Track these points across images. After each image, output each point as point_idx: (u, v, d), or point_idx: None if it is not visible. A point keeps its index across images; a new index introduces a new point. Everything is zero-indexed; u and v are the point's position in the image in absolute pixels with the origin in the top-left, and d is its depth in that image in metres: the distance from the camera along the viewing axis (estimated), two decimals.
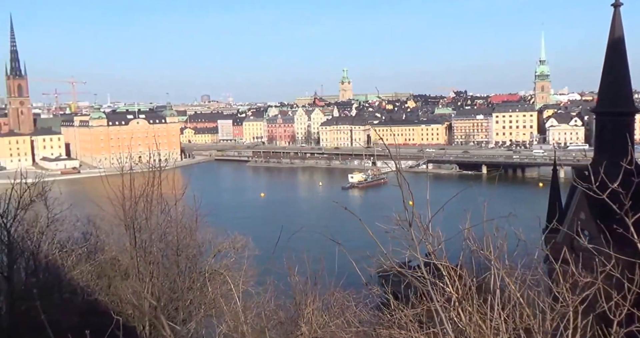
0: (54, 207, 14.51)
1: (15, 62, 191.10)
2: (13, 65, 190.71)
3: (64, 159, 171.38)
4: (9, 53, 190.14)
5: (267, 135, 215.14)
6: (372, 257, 8.15)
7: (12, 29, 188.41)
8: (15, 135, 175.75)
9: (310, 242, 12.65)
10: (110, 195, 13.92)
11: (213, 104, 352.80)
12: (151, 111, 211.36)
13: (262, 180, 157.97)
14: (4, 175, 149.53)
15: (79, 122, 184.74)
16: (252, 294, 14.81)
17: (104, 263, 14.62)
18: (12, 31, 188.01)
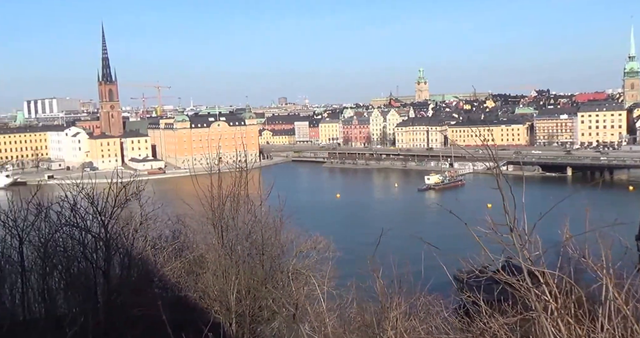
0: (147, 205, 15.16)
1: (107, 68, 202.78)
2: (104, 72, 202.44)
3: (150, 160, 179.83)
4: (101, 60, 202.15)
5: (343, 136, 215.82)
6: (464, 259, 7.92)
7: (104, 38, 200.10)
8: (107, 138, 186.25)
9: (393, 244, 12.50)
10: (198, 195, 14.36)
11: (290, 106, 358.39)
12: (231, 114, 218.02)
13: (337, 181, 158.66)
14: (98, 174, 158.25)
15: (164, 125, 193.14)
16: (334, 296, 14.85)
17: (192, 260, 15.11)
18: (104, 40, 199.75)
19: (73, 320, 12.53)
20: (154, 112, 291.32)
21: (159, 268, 14.28)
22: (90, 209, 13.60)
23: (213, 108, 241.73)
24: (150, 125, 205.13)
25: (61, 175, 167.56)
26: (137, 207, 14.89)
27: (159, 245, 14.93)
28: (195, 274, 15.68)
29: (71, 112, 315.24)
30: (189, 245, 15.85)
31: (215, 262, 14.51)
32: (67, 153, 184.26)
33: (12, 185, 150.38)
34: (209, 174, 15.39)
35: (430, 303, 11.70)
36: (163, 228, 16.01)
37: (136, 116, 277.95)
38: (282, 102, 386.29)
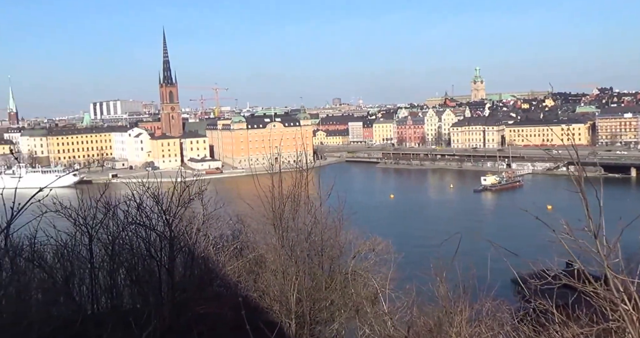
0: (209, 205, 15.41)
1: (167, 71, 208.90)
2: (165, 75, 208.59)
3: (208, 160, 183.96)
4: (162, 63, 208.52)
5: (397, 136, 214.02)
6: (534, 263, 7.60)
7: (165, 42, 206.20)
8: (167, 138, 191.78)
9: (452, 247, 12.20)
10: (259, 195, 14.45)
11: (344, 106, 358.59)
12: (286, 115, 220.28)
13: (391, 181, 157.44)
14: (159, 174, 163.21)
15: (222, 126, 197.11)
16: (393, 298, 14.64)
17: (252, 260, 15.24)
18: (165, 43, 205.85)
19: (139, 315, 12.89)
20: (212, 114, 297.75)
21: (221, 267, 14.47)
22: (155, 208, 13.97)
23: (269, 109, 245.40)
24: (209, 126, 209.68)
25: (124, 174, 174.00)
26: (199, 206, 15.17)
27: (220, 245, 15.13)
28: (254, 274, 15.83)
29: (134, 113, 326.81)
30: (248, 244, 16.00)
31: (275, 262, 14.58)
32: (130, 153, 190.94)
33: (78, 184, 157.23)
34: (267, 174, 15.49)
35: (497, 309, 11.35)
36: (224, 227, 16.21)
37: (195, 117, 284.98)
38: (336, 103, 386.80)
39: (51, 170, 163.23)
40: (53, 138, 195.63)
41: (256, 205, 15.90)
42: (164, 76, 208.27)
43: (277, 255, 14.26)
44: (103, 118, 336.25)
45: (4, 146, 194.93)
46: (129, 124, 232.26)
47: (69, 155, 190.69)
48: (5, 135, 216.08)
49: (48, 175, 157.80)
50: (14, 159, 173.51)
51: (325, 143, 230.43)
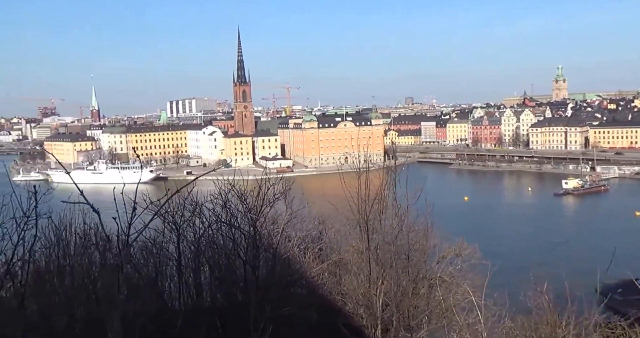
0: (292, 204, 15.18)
1: (241, 70, 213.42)
2: (239, 74, 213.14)
3: (279, 159, 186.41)
4: (236, 63, 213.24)
5: (472, 137, 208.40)
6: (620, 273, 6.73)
7: (239, 41, 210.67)
8: (240, 136, 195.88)
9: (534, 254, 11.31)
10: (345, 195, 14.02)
11: (416, 106, 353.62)
12: (357, 114, 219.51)
13: (465, 183, 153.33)
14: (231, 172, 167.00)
15: (293, 125, 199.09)
16: (482, 307, 13.85)
17: (335, 262, 14.87)
18: (239, 42, 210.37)
19: (224, 313, 12.84)
20: (284, 112, 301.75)
21: (304, 269, 14.20)
22: (240, 207, 13.89)
23: (340, 108, 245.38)
24: (280, 125, 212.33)
25: (198, 171, 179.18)
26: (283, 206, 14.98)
27: (303, 246, 14.85)
28: (336, 276, 15.47)
29: (208, 111, 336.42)
30: (332, 246, 15.64)
31: (360, 265, 14.16)
32: (204, 150, 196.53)
33: (155, 180, 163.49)
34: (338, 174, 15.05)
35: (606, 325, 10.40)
36: (308, 228, 15.91)
37: (267, 116, 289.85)
38: (409, 102, 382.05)
39: (129, 166, 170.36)
40: (132, 135, 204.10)
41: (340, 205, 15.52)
42: (238, 75, 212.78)
43: (362, 258, 13.83)
44: (179, 116, 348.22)
45: (86, 143, 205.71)
46: (203, 122, 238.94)
47: (147, 152, 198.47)
48: (88, 132, 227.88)
49: (126, 171, 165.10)
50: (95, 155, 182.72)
51: (397, 143, 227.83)
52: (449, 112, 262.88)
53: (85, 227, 14.32)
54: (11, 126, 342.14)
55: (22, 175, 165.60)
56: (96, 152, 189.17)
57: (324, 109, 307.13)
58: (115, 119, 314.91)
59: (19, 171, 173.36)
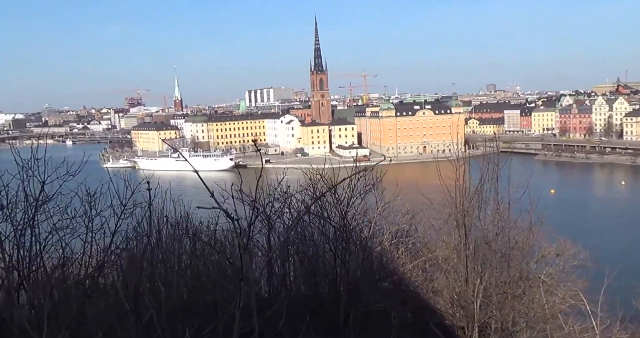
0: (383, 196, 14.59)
1: (318, 59, 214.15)
2: (316, 62, 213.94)
3: (356, 147, 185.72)
4: (313, 51, 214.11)
5: (559, 126, 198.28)
6: None
7: (316, 29, 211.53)
8: (317, 125, 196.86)
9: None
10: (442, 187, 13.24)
11: (499, 93, 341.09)
12: (437, 102, 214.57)
13: (551, 175, 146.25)
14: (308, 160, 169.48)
15: (370, 113, 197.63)
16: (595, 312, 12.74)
17: (428, 259, 14.17)
18: (316, 31, 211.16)
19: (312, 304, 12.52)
20: (360, 101, 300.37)
21: (396, 264, 13.60)
22: (329, 198, 13.46)
23: (418, 96, 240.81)
24: (357, 114, 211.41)
25: (276, 159, 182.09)
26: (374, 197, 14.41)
27: (394, 240, 14.22)
28: (427, 272, 14.77)
29: (285, 100, 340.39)
30: (424, 241, 14.91)
31: (455, 263, 13.40)
32: (282, 139, 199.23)
33: (234, 168, 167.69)
34: (416, 164, 14.23)
35: None
36: (399, 221, 15.24)
37: (343, 104, 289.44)
38: (491, 89, 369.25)
39: (210, 154, 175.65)
40: (213, 124, 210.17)
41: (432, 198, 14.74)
42: (315, 64, 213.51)
43: (458, 255, 13.05)
44: (257, 105, 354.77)
45: (170, 131, 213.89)
46: (280, 111, 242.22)
47: (227, 141, 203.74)
48: (172, 121, 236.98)
49: (208, 159, 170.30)
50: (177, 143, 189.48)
51: (478, 132, 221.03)
52: (534, 99, 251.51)
53: (176, 215, 14.41)
54: (101, 116, 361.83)
55: (111, 162, 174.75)
56: (179, 141, 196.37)
57: (402, 97, 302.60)
58: (197, 109, 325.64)
59: (108, 158, 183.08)
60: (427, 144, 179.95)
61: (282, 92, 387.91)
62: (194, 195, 14.16)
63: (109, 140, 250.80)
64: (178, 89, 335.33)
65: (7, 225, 10.46)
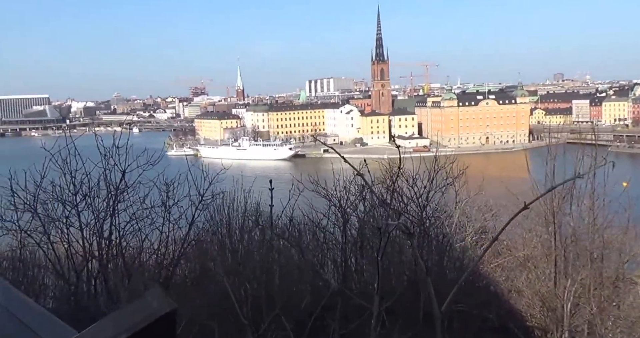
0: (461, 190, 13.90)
1: (380, 48, 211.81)
2: (377, 52, 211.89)
3: (416, 138, 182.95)
4: (375, 40, 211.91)
5: (633, 116, 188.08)
6: None
7: (379, 19, 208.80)
8: (376, 115, 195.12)
9: None
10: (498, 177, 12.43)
11: (567, 82, 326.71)
12: (501, 91, 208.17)
13: (624, 167, 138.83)
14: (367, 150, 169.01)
15: (431, 103, 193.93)
16: None
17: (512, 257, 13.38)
18: (379, 21, 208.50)
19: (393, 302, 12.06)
20: (421, 90, 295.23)
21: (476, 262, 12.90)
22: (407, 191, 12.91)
23: (481, 86, 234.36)
24: (418, 104, 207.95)
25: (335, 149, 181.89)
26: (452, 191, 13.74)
27: (475, 236, 13.50)
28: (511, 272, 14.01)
29: (345, 90, 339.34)
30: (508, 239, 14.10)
31: (541, 262, 12.60)
32: (341, 129, 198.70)
33: (293, 157, 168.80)
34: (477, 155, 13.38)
35: None
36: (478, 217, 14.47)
37: (404, 94, 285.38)
38: (558, 79, 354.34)
39: (270, 143, 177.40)
40: (273, 114, 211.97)
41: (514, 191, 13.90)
42: (376, 53, 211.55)
43: (546, 254, 12.25)
44: (317, 95, 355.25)
45: (232, 121, 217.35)
46: (340, 101, 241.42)
47: (287, 130, 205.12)
48: (234, 111, 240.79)
49: (267, 148, 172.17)
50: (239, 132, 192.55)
51: (543, 122, 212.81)
52: (605, 89, 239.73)
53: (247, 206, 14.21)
54: (166, 105, 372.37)
55: (175, 150, 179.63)
56: (240, 130, 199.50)
57: (464, 86, 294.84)
58: (258, 98, 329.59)
59: (172, 146, 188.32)
60: (490, 135, 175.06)
61: (342, 82, 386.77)
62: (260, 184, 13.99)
63: (173, 129, 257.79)
64: (240, 79, 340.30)
65: (88, 213, 10.53)
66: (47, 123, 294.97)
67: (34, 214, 9.80)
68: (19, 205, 10.06)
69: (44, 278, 10.71)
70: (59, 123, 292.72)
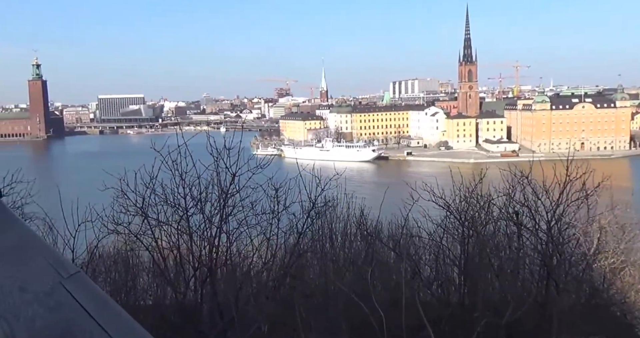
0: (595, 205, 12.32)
1: (468, 49, 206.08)
2: (465, 52, 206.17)
3: (504, 142, 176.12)
4: (463, 41, 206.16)
5: None
6: None
7: (467, 19, 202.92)
8: (463, 118, 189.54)
9: None
10: None
11: None
12: (598, 94, 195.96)
13: None
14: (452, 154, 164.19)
15: (522, 106, 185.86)
16: None
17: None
18: (467, 21, 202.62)
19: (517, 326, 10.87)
20: (511, 93, 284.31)
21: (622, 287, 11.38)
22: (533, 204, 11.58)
23: (576, 88, 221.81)
24: (507, 106, 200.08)
25: (418, 152, 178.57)
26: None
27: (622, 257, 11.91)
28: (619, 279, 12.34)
29: (430, 92, 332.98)
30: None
31: None
32: (425, 132, 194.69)
33: (376, 159, 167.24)
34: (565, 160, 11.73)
35: None
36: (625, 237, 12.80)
37: (492, 96, 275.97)
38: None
39: (353, 145, 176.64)
40: (357, 115, 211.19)
41: None
42: (464, 54, 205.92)
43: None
44: (401, 96, 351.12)
45: (315, 121, 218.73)
46: (425, 103, 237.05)
47: (370, 132, 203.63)
48: (317, 112, 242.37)
49: (350, 149, 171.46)
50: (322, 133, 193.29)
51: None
52: None
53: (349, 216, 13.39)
54: (252, 105, 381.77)
55: (260, 149, 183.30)
56: (324, 131, 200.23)
57: (557, 89, 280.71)
58: (342, 99, 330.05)
59: (258, 146, 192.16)
60: (586, 141, 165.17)
61: (427, 84, 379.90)
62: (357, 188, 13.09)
63: (259, 129, 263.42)
64: (324, 80, 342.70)
65: (198, 218, 10.05)
66: (142, 121, 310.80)
67: (145, 218, 9.41)
68: (129, 208, 9.74)
69: (152, 284, 10.34)
70: (152, 122, 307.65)
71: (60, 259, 1.97)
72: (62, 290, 1.73)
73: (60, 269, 1.85)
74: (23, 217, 10.53)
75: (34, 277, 1.83)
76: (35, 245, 2.09)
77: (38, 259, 1.94)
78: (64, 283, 1.78)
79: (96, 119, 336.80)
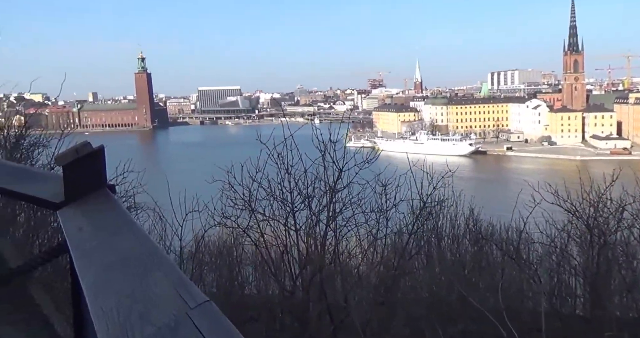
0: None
1: (574, 37, 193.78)
2: (571, 41, 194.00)
3: (614, 138, 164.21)
4: (568, 29, 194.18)
5: None
6: None
7: (573, 4, 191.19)
8: (568, 111, 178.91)
9: None
10: None
11: None
12: None
13: None
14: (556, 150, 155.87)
15: (634, 100, 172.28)
16: None
17: None
18: (573, 6, 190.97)
19: None
20: (621, 85, 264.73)
21: None
22: None
23: None
24: (617, 100, 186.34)
25: (519, 147, 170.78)
26: None
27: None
28: None
29: (532, 83, 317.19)
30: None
31: None
32: (526, 125, 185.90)
33: (473, 154, 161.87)
34: None
35: None
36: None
37: (599, 89, 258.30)
38: None
39: (449, 138, 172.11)
40: (452, 107, 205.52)
41: None
42: (569, 43, 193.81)
43: None
44: (500, 88, 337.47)
45: (409, 113, 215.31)
46: (526, 95, 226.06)
47: (466, 125, 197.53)
48: (411, 104, 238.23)
49: (446, 143, 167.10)
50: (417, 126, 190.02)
51: None
52: None
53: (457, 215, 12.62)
54: (345, 97, 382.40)
55: (353, 141, 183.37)
56: (418, 123, 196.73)
57: None
58: (437, 91, 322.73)
59: (350, 138, 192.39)
60: None
61: (528, 75, 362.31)
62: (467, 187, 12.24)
63: (352, 120, 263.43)
64: (419, 71, 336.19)
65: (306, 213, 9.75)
66: (239, 113, 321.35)
67: (253, 213, 9.22)
68: (237, 201, 9.60)
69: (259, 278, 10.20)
70: (249, 113, 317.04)
71: (186, 282, 1.53)
72: (189, 324, 1.34)
73: (186, 296, 1.42)
74: (135, 206, 10.73)
75: (156, 302, 1.45)
76: (159, 260, 1.68)
77: (161, 279, 1.53)
78: (190, 316, 1.35)
79: (197, 110, 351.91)
